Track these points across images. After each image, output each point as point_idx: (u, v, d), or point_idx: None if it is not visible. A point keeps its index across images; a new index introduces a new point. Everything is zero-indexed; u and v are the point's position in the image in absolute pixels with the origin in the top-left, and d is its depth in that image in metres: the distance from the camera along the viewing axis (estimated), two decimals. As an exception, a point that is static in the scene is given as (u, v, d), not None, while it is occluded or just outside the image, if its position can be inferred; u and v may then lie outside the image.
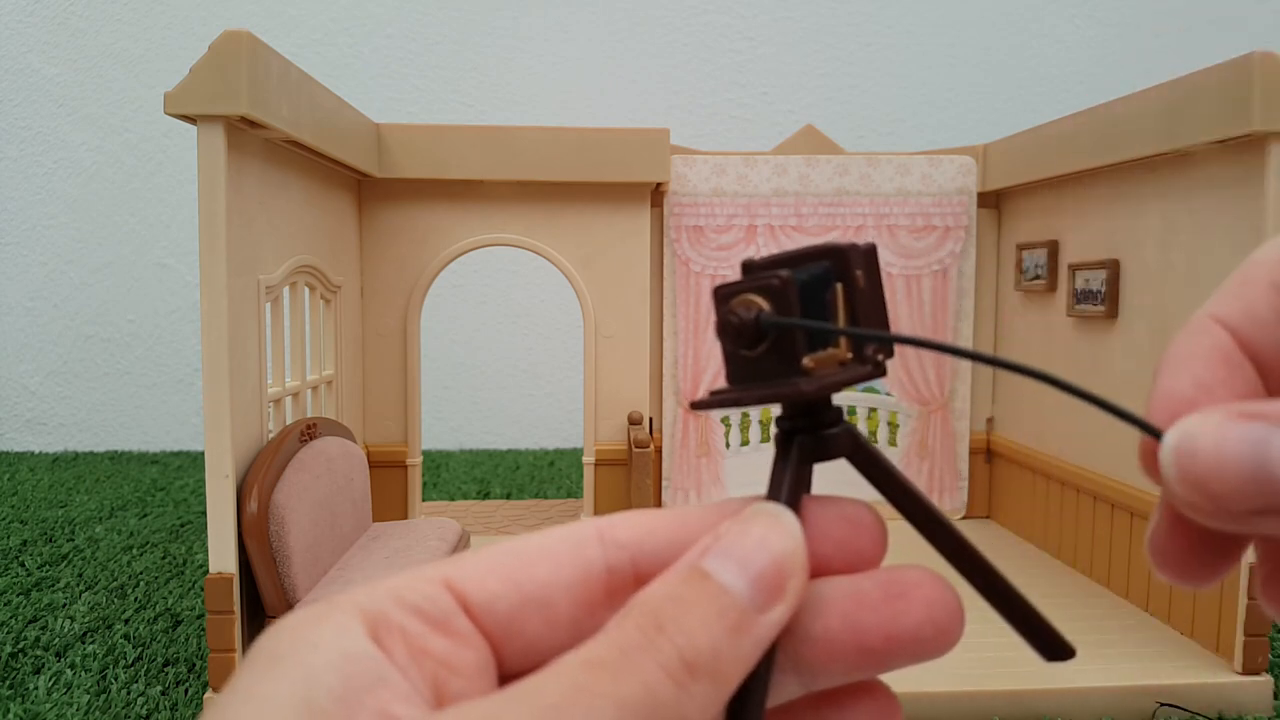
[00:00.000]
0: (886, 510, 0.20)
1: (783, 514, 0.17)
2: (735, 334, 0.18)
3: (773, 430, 0.19)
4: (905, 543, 0.24)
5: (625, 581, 0.17)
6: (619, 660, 0.15)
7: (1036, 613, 0.20)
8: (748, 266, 0.19)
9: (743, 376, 0.19)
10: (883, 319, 0.19)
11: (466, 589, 0.17)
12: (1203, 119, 0.75)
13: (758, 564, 0.16)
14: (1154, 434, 0.16)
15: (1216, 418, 0.15)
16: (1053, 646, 0.20)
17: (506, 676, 0.17)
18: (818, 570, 0.18)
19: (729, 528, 0.17)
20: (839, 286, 0.19)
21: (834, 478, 0.22)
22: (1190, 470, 0.15)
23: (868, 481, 0.19)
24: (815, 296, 0.18)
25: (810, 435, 0.19)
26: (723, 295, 0.19)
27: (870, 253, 0.19)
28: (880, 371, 0.19)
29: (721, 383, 0.20)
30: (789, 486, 0.18)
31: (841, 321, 0.19)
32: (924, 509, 0.19)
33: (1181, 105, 0.78)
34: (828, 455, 0.19)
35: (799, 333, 0.18)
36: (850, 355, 0.18)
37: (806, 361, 0.18)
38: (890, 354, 0.19)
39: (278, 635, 0.15)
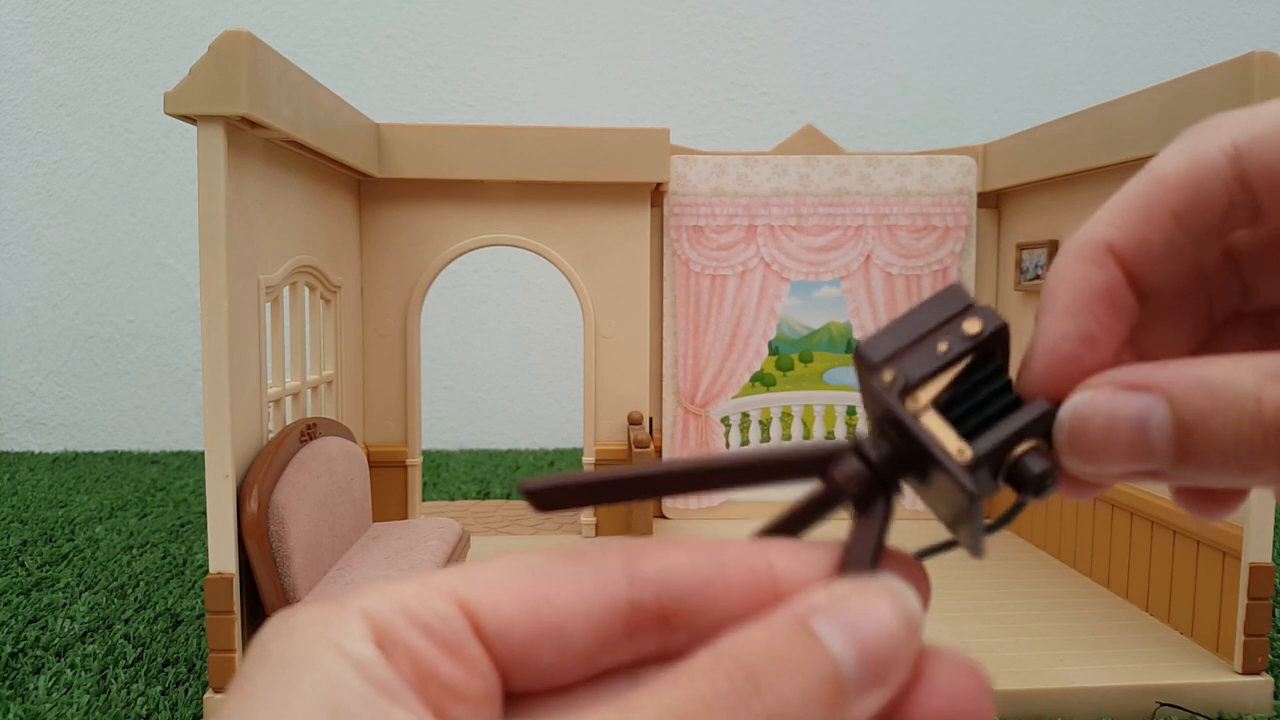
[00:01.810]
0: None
1: (909, 596, 0.16)
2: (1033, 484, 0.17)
3: (848, 480, 0.17)
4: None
5: (647, 617, 0.16)
6: (702, 713, 0.14)
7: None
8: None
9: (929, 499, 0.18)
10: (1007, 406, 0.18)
11: (481, 612, 0.16)
12: (1202, 119, 0.75)
13: (873, 642, 0.15)
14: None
15: (1105, 393, 0.17)
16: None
17: (509, 694, 0.16)
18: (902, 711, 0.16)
19: (847, 592, 0.15)
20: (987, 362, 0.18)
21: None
22: (1082, 443, 0.17)
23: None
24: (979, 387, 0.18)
25: (896, 489, 0.18)
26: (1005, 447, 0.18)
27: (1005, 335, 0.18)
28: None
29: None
30: (875, 549, 0.17)
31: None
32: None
33: (1181, 105, 0.78)
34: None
35: (935, 452, 0.17)
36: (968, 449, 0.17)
37: (960, 455, 0.17)
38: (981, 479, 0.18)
39: (287, 636, 0.15)
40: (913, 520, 0.60)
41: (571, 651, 0.16)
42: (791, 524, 0.18)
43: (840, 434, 1.22)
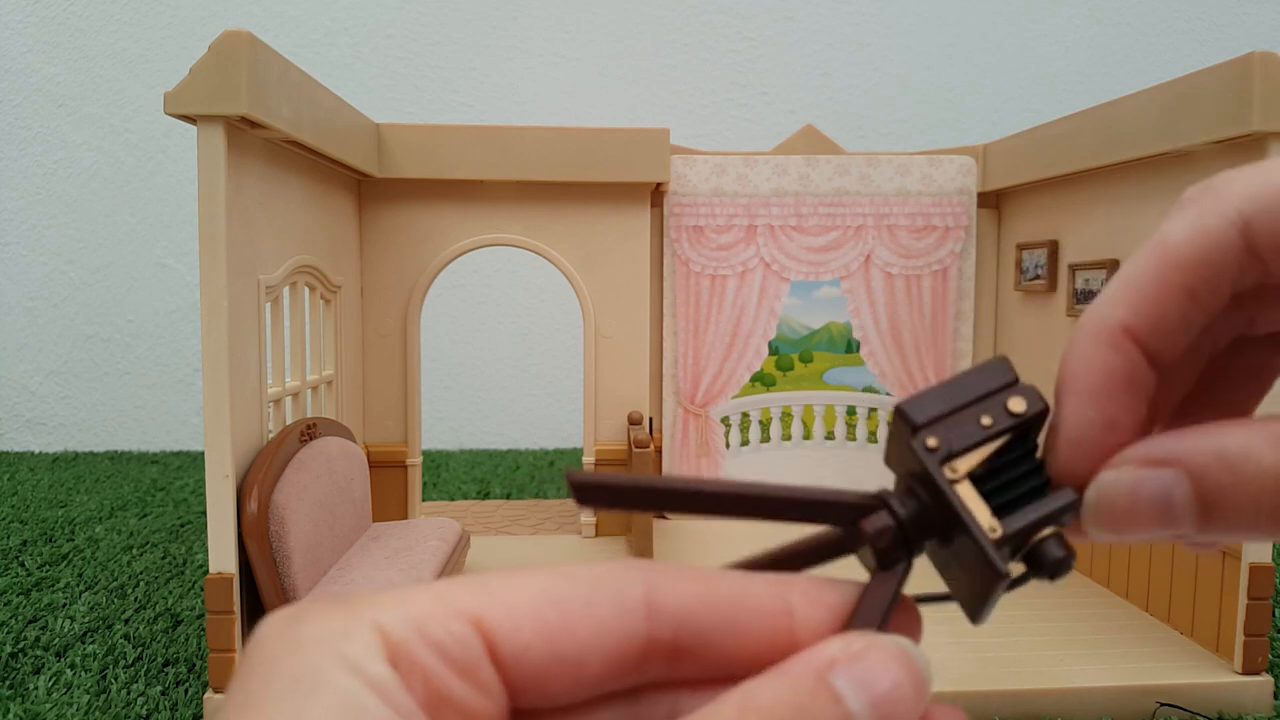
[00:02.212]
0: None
1: (920, 659, 0.16)
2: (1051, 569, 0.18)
3: (878, 534, 0.18)
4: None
5: (663, 648, 0.17)
6: None
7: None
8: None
9: (946, 572, 0.19)
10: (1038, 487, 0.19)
11: (497, 636, 0.16)
12: (1203, 119, 0.75)
13: (887, 703, 0.15)
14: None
15: (1128, 471, 0.17)
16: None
17: (515, 711, 0.16)
18: None
19: (863, 649, 0.16)
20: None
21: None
22: (1108, 519, 0.17)
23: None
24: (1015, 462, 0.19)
25: (914, 551, 0.18)
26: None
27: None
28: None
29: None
30: (890, 604, 0.17)
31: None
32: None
33: (1181, 105, 0.78)
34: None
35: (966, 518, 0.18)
36: (998, 526, 0.18)
37: (992, 531, 0.18)
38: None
39: (296, 648, 0.14)
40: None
41: (584, 678, 0.16)
42: (798, 559, 0.19)
43: (840, 434, 1.22)
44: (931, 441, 0.18)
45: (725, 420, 1.20)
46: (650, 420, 1.15)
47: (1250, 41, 1.81)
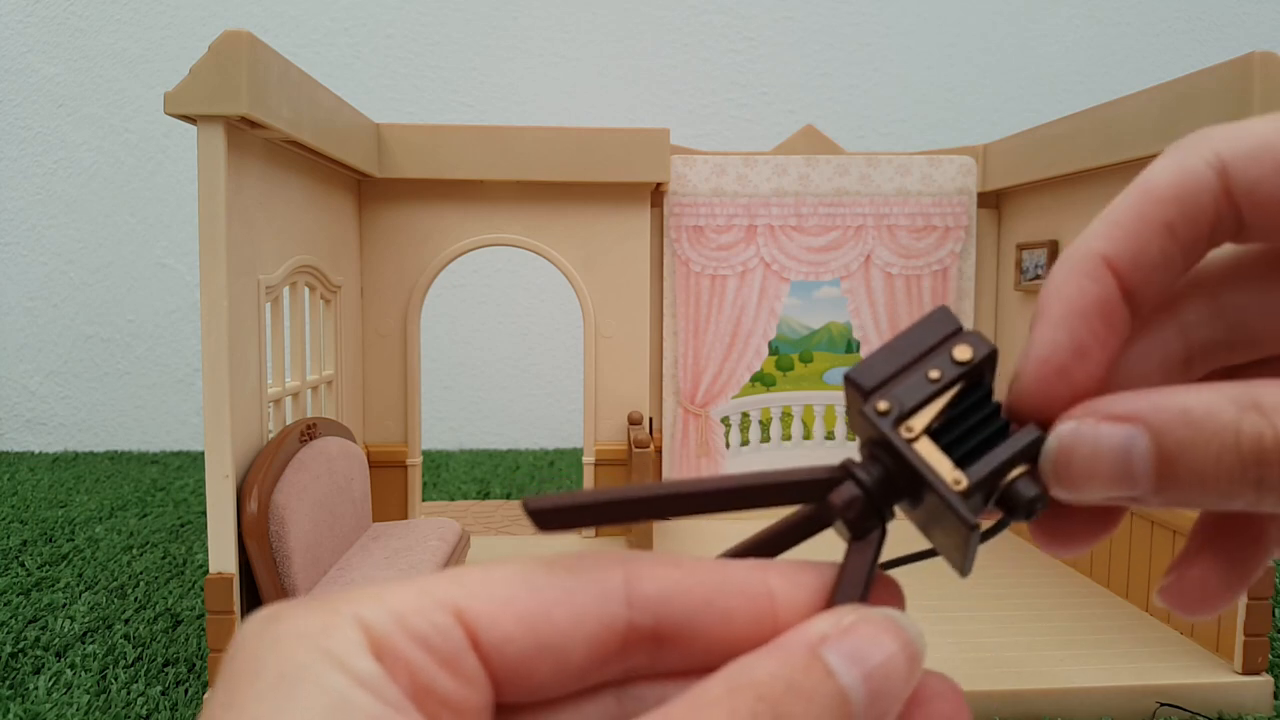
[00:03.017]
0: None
1: (912, 628, 0.16)
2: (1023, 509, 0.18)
3: (842, 508, 0.18)
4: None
5: (644, 636, 0.17)
6: None
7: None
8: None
9: (929, 532, 0.19)
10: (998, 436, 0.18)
11: (479, 625, 0.16)
12: (1203, 119, 0.75)
13: (880, 678, 0.15)
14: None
15: (1089, 424, 0.17)
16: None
17: (500, 706, 0.16)
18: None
19: (854, 623, 0.16)
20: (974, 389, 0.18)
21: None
22: (1067, 472, 0.17)
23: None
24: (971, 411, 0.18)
25: (885, 518, 0.18)
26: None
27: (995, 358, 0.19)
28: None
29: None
30: (869, 574, 0.17)
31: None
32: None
33: (1181, 105, 0.78)
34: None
35: (928, 474, 0.17)
36: (963, 476, 0.18)
37: (957, 484, 0.17)
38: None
39: (280, 646, 0.14)
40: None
41: (567, 668, 0.16)
42: (776, 542, 0.19)
43: (840, 434, 1.22)
44: (882, 405, 0.18)
45: (725, 420, 1.20)
46: (650, 420, 1.15)
47: (1250, 41, 1.81)
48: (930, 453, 0.18)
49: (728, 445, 1.19)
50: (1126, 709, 0.71)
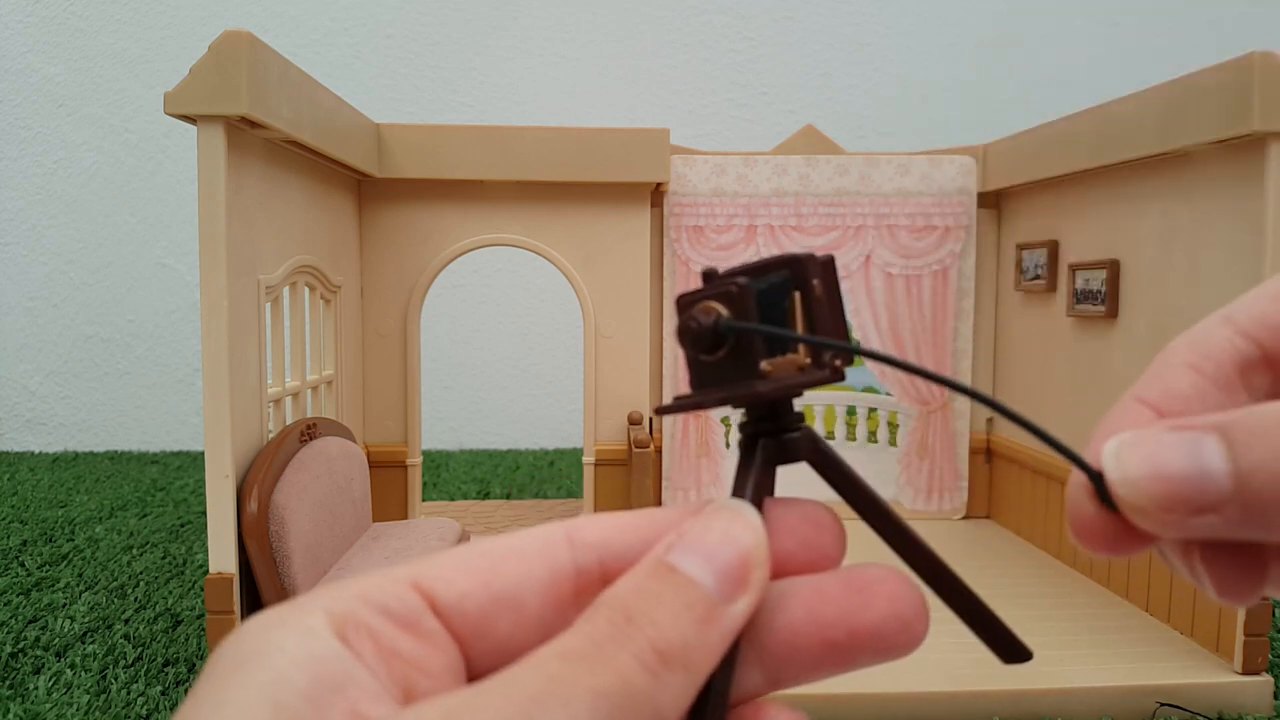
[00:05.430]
0: (846, 512, 0.21)
1: (744, 509, 0.18)
2: (695, 339, 0.19)
3: (736, 435, 0.20)
4: (865, 544, 0.24)
5: (593, 581, 0.18)
6: (593, 652, 0.15)
7: (994, 615, 0.20)
8: (708, 275, 0.20)
9: (704, 381, 0.20)
10: (840, 327, 0.20)
11: (435, 589, 0.17)
12: (1202, 119, 0.75)
13: (722, 557, 0.17)
14: (1089, 471, 0.17)
15: (1152, 429, 0.17)
16: (1010, 649, 0.20)
17: (475, 677, 0.17)
18: (780, 570, 0.18)
19: (693, 524, 0.17)
20: (796, 295, 0.19)
21: (797, 480, 0.23)
22: (1130, 472, 0.16)
23: (827, 484, 0.20)
24: (774, 304, 0.19)
25: (773, 438, 0.20)
26: (684, 303, 0.20)
27: (828, 264, 0.20)
28: (838, 376, 0.20)
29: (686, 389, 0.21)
30: (753, 486, 0.19)
31: (799, 329, 0.19)
32: (882, 511, 0.20)
33: (1181, 105, 0.78)
34: (789, 458, 0.20)
35: (757, 338, 0.19)
36: (809, 361, 0.19)
37: (764, 366, 0.19)
38: (849, 361, 0.20)
39: (240, 639, 0.15)
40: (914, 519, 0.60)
41: (525, 619, 0.17)
42: (748, 488, 0.20)
43: (840, 434, 1.22)
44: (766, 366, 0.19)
45: (725, 420, 1.20)
46: (650, 420, 1.15)
47: (1250, 41, 1.81)
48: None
49: (727, 445, 1.19)
50: (1126, 709, 0.71)
